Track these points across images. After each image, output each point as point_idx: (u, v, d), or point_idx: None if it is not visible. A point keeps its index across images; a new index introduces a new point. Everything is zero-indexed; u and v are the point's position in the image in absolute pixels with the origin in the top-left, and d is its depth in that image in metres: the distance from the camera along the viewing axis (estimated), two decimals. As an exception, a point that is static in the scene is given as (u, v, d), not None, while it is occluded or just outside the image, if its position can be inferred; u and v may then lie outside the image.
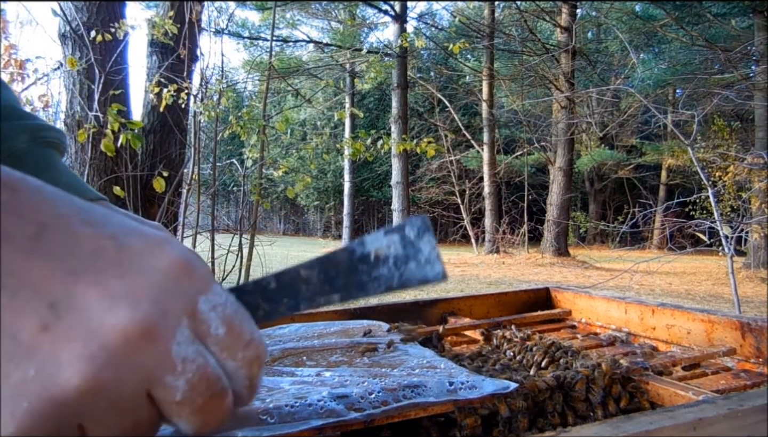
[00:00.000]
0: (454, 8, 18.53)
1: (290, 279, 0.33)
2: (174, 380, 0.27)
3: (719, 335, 0.94)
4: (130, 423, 0.27)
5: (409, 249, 0.33)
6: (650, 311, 1.06)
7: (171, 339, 0.27)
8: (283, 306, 0.33)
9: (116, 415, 0.27)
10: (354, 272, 0.33)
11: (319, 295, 0.33)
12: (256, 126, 4.14)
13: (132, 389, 0.26)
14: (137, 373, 0.26)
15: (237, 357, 0.30)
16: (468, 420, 0.62)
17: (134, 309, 0.26)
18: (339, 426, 0.57)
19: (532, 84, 17.31)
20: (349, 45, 15.56)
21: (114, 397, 0.26)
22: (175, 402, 0.28)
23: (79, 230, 0.27)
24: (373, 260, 0.33)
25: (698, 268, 10.86)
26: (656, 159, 19.60)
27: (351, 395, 0.60)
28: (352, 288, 0.33)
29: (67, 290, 0.25)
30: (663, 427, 0.50)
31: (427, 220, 0.33)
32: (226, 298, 0.30)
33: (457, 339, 1.09)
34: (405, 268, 0.33)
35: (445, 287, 8.14)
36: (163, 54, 4.35)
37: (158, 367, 0.27)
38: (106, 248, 0.27)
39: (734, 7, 11.13)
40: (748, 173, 9.01)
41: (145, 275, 0.27)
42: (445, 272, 0.33)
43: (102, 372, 0.25)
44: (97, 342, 0.25)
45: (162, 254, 0.28)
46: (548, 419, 0.68)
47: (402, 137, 11.98)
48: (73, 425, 0.26)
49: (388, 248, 0.33)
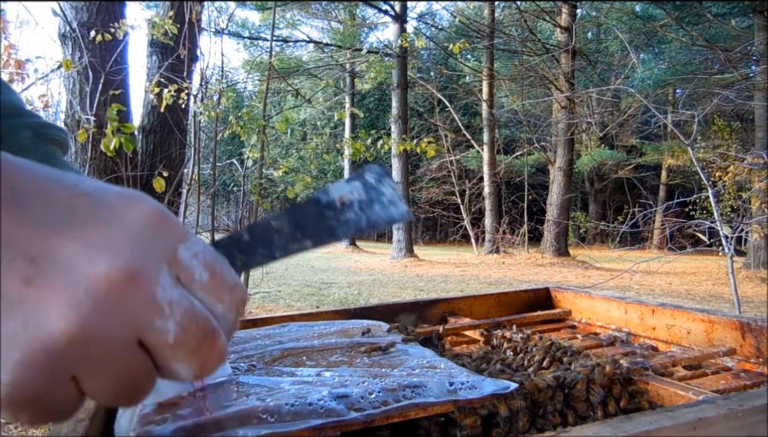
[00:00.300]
0: (454, 8, 18.53)
1: (262, 231, 0.35)
2: (164, 323, 0.27)
3: (719, 335, 0.94)
4: (125, 374, 0.27)
5: (372, 193, 0.35)
6: (650, 311, 1.06)
7: (154, 283, 0.27)
8: (259, 256, 0.35)
9: (109, 364, 0.27)
10: (322, 218, 0.35)
11: (291, 242, 0.35)
12: (256, 126, 4.14)
13: (122, 336, 0.27)
14: (125, 319, 0.27)
15: (224, 300, 0.31)
16: (467, 420, 0.62)
17: (114, 257, 0.26)
18: (339, 426, 0.57)
19: (532, 84, 17.31)
20: (349, 45, 15.56)
21: (104, 345, 0.26)
22: (169, 346, 0.28)
23: (53, 190, 0.27)
24: (339, 206, 0.35)
25: (698, 268, 10.86)
26: (656, 159, 19.61)
27: (351, 395, 0.60)
28: (323, 233, 0.35)
29: (46, 245, 0.26)
30: (663, 427, 0.50)
31: (384, 167, 0.36)
32: (204, 247, 0.31)
33: (457, 339, 1.08)
34: (371, 211, 0.35)
35: (445, 287, 8.14)
36: (163, 54, 4.35)
37: (146, 312, 0.27)
38: (81, 204, 0.27)
39: (734, 7, 11.13)
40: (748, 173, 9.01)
41: (121, 226, 0.28)
42: (409, 211, 0.36)
43: (89, 318, 0.26)
44: (81, 290, 0.26)
45: (137, 206, 0.29)
46: (549, 419, 0.68)
47: (402, 137, 11.98)
48: (67, 377, 0.26)
49: (351, 193, 0.35)
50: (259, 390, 0.65)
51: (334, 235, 0.35)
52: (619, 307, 1.12)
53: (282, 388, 0.64)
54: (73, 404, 0.28)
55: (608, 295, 1.18)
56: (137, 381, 0.28)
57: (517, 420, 0.65)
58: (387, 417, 0.59)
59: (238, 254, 0.34)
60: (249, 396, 0.63)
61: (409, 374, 0.68)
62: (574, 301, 1.24)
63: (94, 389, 0.27)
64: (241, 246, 0.35)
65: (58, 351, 0.25)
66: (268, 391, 0.64)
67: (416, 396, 0.61)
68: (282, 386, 0.65)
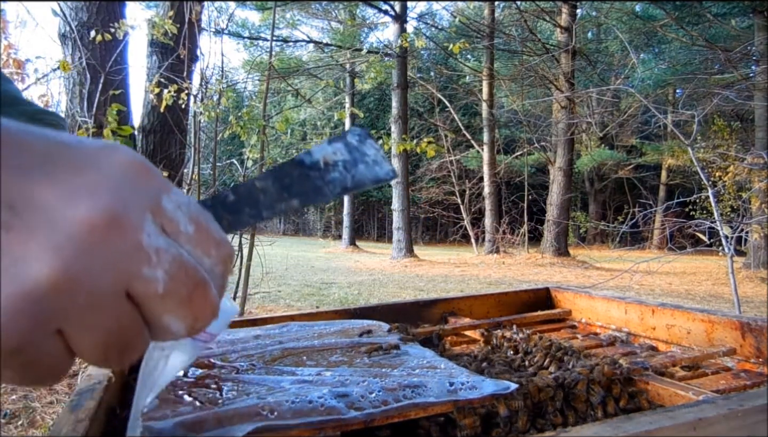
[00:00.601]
0: (454, 8, 18.53)
1: (247, 191, 0.35)
2: (152, 271, 0.26)
3: (719, 335, 0.94)
4: (114, 327, 0.26)
5: (355, 154, 0.35)
6: (650, 311, 1.06)
7: (139, 230, 0.26)
8: (246, 215, 0.34)
9: (96, 316, 0.26)
10: (307, 179, 0.35)
11: (278, 202, 0.35)
12: (256, 126, 4.14)
13: (108, 285, 0.26)
14: (111, 266, 0.26)
15: (211, 254, 0.30)
16: (467, 421, 0.62)
17: (95, 200, 0.26)
18: (339, 426, 0.57)
19: (532, 84, 17.30)
20: (349, 45, 15.56)
21: (90, 295, 0.25)
22: (159, 296, 0.27)
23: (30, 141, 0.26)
24: (323, 166, 0.35)
25: (698, 268, 10.86)
26: (656, 159, 19.61)
27: (351, 394, 0.60)
28: (309, 193, 0.35)
29: (24, 192, 0.25)
30: (663, 427, 0.50)
31: (366, 129, 0.36)
32: (188, 200, 0.30)
33: (458, 339, 1.08)
34: (355, 170, 0.35)
35: (445, 287, 8.14)
36: (163, 54, 4.35)
37: (132, 259, 0.26)
38: (60, 152, 0.26)
39: (734, 7, 11.13)
40: (748, 173, 9.01)
41: (102, 172, 0.27)
42: (395, 169, 0.36)
43: (72, 263, 0.25)
44: (62, 234, 0.25)
45: (118, 154, 0.28)
46: (549, 419, 0.68)
47: (402, 137, 11.98)
48: (53, 329, 0.25)
49: (335, 154, 0.35)
50: (260, 388, 0.65)
51: (321, 194, 0.35)
52: (619, 307, 1.12)
53: (282, 387, 0.65)
54: (60, 362, 0.26)
55: (608, 295, 1.18)
56: (126, 337, 0.27)
57: (517, 420, 0.65)
58: (387, 417, 0.59)
59: (225, 214, 0.34)
60: (249, 394, 0.63)
61: (409, 374, 0.68)
62: (574, 301, 1.24)
63: (81, 344, 0.26)
64: (227, 206, 0.34)
65: (41, 298, 0.24)
66: (269, 390, 0.64)
67: (416, 396, 0.61)
68: (282, 385, 0.65)
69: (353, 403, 0.59)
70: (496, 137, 17.29)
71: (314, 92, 17.38)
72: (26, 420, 2.44)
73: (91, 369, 0.74)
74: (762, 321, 0.88)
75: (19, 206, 0.25)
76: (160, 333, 0.29)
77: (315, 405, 0.58)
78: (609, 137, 20.82)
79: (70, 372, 3.00)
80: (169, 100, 3.67)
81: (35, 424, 2.42)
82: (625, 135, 20.92)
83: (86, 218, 0.25)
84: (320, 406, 0.58)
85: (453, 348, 1.03)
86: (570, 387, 0.70)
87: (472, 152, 18.86)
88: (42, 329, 0.25)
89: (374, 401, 0.60)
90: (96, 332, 0.26)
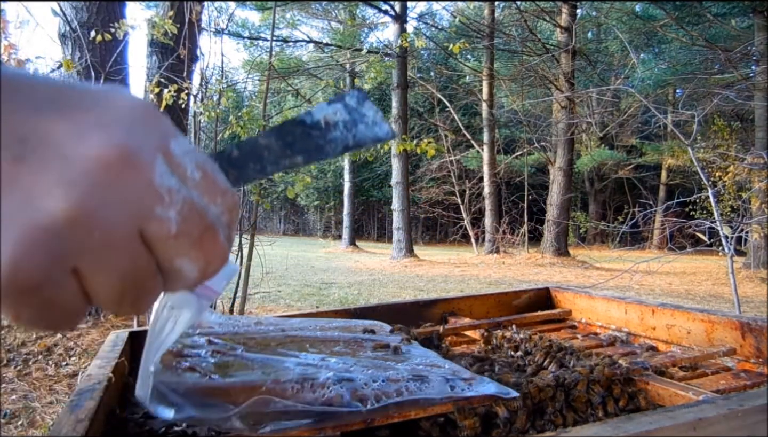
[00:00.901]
0: (454, 8, 18.52)
1: (251, 147, 0.35)
2: (164, 211, 0.26)
3: (719, 335, 0.94)
4: (129, 269, 0.26)
5: (355, 115, 0.36)
6: (650, 311, 1.06)
7: (151, 169, 0.26)
8: (251, 170, 0.35)
9: (111, 256, 0.26)
10: (309, 137, 0.36)
11: (282, 158, 0.35)
12: (256, 126, 4.14)
13: (123, 223, 0.25)
14: (124, 205, 0.26)
15: (217, 202, 0.30)
16: (467, 421, 0.62)
17: (108, 136, 0.25)
18: (339, 426, 0.57)
19: (532, 84, 17.30)
20: (349, 45, 15.55)
21: (105, 232, 0.25)
22: (172, 237, 0.27)
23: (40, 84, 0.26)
24: (324, 125, 0.36)
25: (698, 268, 10.86)
26: (656, 159, 19.60)
27: (356, 380, 0.60)
28: (312, 151, 0.35)
29: (34, 127, 0.25)
30: (663, 427, 0.50)
31: (364, 92, 0.37)
32: (194, 148, 0.30)
33: (458, 339, 1.08)
34: (356, 130, 0.36)
35: (445, 287, 8.13)
36: (163, 54, 4.35)
37: (145, 198, 0.26)
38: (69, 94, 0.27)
39: (734, 7, 11.12)
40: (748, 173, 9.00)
41: (111, 110, 0.27)
42: (393, 130, 0.37)
43: (86, 199, 0.24)
44: (76, 169, 0.25)
45: (125, 96, 0.28)
46: (550, 420, 0.68)
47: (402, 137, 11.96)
48: (68, 267, 0.25)
49: (335, 114, 0.36)
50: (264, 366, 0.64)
51: (323, 152, 0.36)
52: (619, 307, 1.12)
53: (287, 367, 0.64)
54: (76, 306, 0.26)
55: (608, 295, 1.18)
56: (141, 281, 0.27)
57: (516, 420, 0.65)
58: (387, 417, 0.59)
59: (230, 169, 0.34)
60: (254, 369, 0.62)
61: (413, 369, 0.68)
62: (574, 301, 1.24)
63: (97, 285, 0.26)
64: (231, 161, 0.34)
65: (56, 232, 0.24)
66: (273, 369, 0.63)
67: (419, 390, 0.61)
68: (286, 366, 0.65)
69: (356, 390, 0.59)
70: (496, 137, 17.29)
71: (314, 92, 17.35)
72: (26, 420, 2.44)
73: (91, 369, 0.74)
74: (762, 321, 0.88)
75: (31, 140, 0.25)
76: (172, 278, 0.29)
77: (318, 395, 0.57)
78: (609, 137, 20.82)
79: (70, 371, 3.00)
80: (169, 100, 3.66)
81: (35, 424, 2.42)
82: (625, 135, 20.92)
83: (99, 154, 0.25)
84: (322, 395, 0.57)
85: (453, 348, 1.03)
86: (570, 387, 0.70)
87: (472, 152, 18.86)
88: (59, 266, 0.25)
89: (378, 389, 0.60)
90: (111, 273, 0.26)
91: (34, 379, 2.88)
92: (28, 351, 3.27)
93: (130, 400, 0.79)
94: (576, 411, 0.70)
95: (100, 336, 3.53)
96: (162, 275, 0.28)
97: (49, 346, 3.34)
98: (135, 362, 0.92)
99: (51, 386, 2.82)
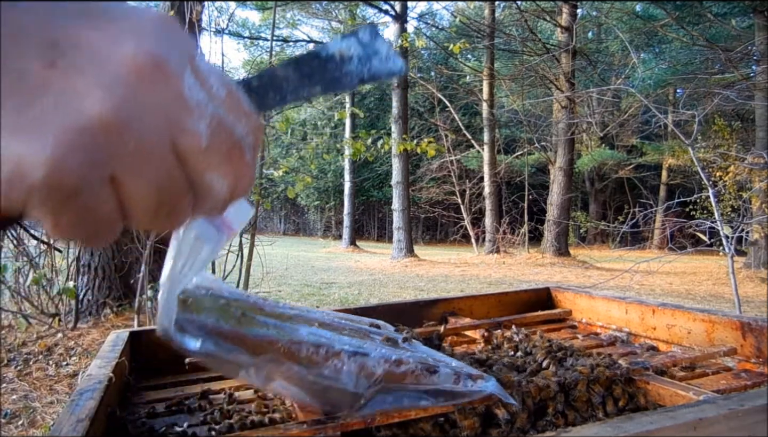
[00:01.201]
0: (454, 8, 18.53)
1: (270, 78, 0.36)
2: (195, 124, 0.27)
3: (720, 335, 0.94)
4: (164, 179, 0.27)
5: (368, 49, 0.37)
6: (651, 311, 1.06)
7: (180, 80, 0.27)
8: (271, 99, 0.36)
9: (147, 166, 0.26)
10: (325, 69, 0.37)
11: (301, 88, 0.36)
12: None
13: (157, 133, 0.26)
14: (158, 114, 0.26)
15: (242, 122, 0.30)
16: (466, 422, 0.62)
17: (140, 42, 0.26)
18: (339, 426, 0.57)
19: (533, 84, 17.30)
20: (349, 45, 15.53)
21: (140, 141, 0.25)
22: (202, 151, 0.27)
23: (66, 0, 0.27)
24: (339, 59, 0.37)
25: (698, 268, 10.85)
26: (657, 159, 19.60)
27: (370, 354, 0.60)
28: (329, 82, 0.37)
29: (66, 31, 0.25)
30: (663, 427, 0.50)
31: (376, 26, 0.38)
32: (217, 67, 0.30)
33: (458, 339, 1.08)
34: (370, 64, 0.37)
35: (445, 287, 8.13)
36: (163, 54, 4.34)
37: (176, 109, 0.26)
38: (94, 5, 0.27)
39: (734, 7, 11.12)
40: (749, 173, 9.00)
41: (140, 20, 0.27)
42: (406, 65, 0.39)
43: (122, 105, 0.25)
44: (109, 73, 0.25)
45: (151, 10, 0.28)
46: (550, 421, 0.68)
47: (402, 136, 11.98)
48: (106, 173, 0.25)
49: (349, 48, 0.37)
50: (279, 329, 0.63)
51: (340, 84, 0.37)
52: (619, 307, 1.12)
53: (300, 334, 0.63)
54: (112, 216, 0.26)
55: (609, 295, 1.18)
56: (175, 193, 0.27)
57: (516, 420, 0.65)
58: (387, 417, 0.59)
59: (251, 95, 0.35)
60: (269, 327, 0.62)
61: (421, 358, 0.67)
62: (575, 301, 1.24)
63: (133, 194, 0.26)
64: (252, 89, 0.35)
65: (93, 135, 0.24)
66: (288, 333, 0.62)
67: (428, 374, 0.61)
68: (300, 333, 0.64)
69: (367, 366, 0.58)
70: (497, 136, 17.29)
71: (314, 92, 17.30)
72: (26, 420, 2.44)
73: (91, 368, 0.74)
74: (762, 321, 0.88)
75: (63, 44, 0.25)
76: (203, 195, 0.29)
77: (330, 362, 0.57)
78: (609, 136, 20.81)
79: (71, 371, 3.00)
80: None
81: (35, 424, 2.42)
82: (625, 135, 20.91)
83: (132, 60, 0.25)
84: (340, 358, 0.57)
85: (453, 348, 1.03)
86: (570, 387, 0.70)
87: (472, 152, 18.85)
88: (97, 171, 0.25)
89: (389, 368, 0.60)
90: (147, 184, 0.26)
91: (34, 379, 2.89)
92: (28, 351, 3.27)
93: (130, 400, 0.79)
94: (577, 410, 0.70)
95: (101, 336, 3.53)
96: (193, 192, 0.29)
97: (49, 346, 3.35)
98: (135, 362, 0.92)
99: (51, 386, 2.83)
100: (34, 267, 3.88)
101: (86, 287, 3.94)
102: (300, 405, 0.68)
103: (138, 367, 0.91)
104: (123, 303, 3.90)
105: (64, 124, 0.24)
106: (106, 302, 3.90)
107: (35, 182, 0.23)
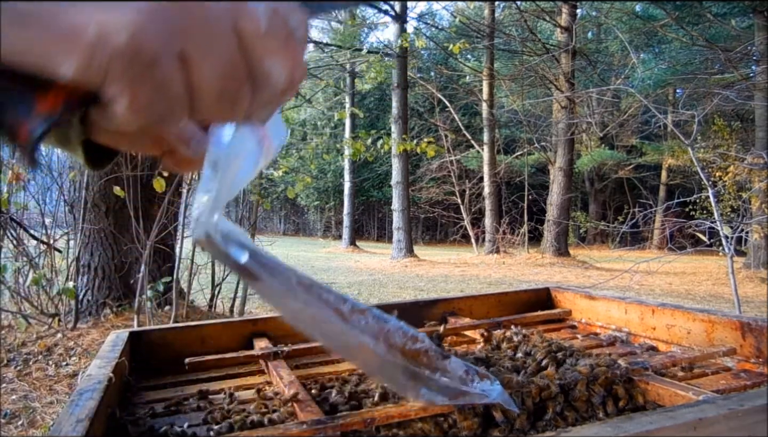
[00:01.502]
0: (454, 8, 18.53)
1: None
2: (254, 9, 0.29)
3: (719, 335, 0.94)
4: (228, 65, 0.29)
5: None
6: (650, 311, 1.06)
7: None
8: None
9: (213, 45, 0.28)
10: None
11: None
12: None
13: (221, 16, 0.28)
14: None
15: (294, 13, 0.32)
16: (466, 422, 0.62)
17: None
18: (339, 426, 0.57)
19: (532, 84, 17.30)
20: (349, 45, 15.56)
21: (207, 22, 0.27)
22: (261, 35, 0.29)
23: None
24: None
25: (698, 268, 10.86)
26: (656, 159, 19.60)
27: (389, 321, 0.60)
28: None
29: None
30: (663, 427, 0.50)
31: None
32: None
33: (458, 339, 1.08)
34: None
35: (445, 287, 8.13)
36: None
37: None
38: None
39: (734, 7, 11.12)
40: (748, 173, 9.01)
41: None
42: None
43: None
44: None
45: None
46: (550, 421, 0.68)
47: (402, 137, 11.98)
48: (176, 49, 0.27)
49: None
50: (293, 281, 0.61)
51: None
52: (619, 307, 1.12)
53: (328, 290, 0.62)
54: (181, 96, 0.28)
55: (608, 295, 1.18)
56: (237, 80, 0.29)
57: (516, 420, 0.65)
58: (387, 417, 0.59)
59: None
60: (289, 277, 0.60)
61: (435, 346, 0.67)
62: (575, 301, 1.24)
63: (201, 75, 0.28)
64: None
65: (168, 7, 0.26)
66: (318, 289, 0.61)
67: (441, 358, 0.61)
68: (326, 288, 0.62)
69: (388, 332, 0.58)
70: (496, 137, 17.29)
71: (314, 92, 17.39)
72: (26, 420, 2.44)
73: (91, 368, 0.74)
74: (762, 321, 0.88)
75: None
76: (262, 83, 0.31)
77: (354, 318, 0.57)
78: (609, 137, 20.81)
79: (70, 371, 3.00)
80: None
81: (35, 424, 2.42)
82: (625, 135, 20.92)
83: None
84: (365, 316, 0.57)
85: (453, 348, 1.03)
86: (570, 387, 0.70)
87: (472, 152, 18.86)
88: (170, 45, 0.27)
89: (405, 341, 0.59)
90: (211, 66, 0.28)
91: (34, 379, 2.88)
92: (28, 351, 3.27)
93: (130, 400, 0.79)
94: (576, 411, 0.70)
95: (100, 336, 3.53)
96: (252, 80, 0.30)
97: (49, 346, 3.34)
98: (135, 362, 0.92)
99: (51, 386, 2.83)
100: (33, 267, 3.88)
101: (86, 288, 3.94)
102: (300, 406, 0.68)
103: (138, 367, 0.91)
104: (123, 303, 3.90)
105: None
106: (106, 302, 3.89)
107: (119, 46, 0.25)
